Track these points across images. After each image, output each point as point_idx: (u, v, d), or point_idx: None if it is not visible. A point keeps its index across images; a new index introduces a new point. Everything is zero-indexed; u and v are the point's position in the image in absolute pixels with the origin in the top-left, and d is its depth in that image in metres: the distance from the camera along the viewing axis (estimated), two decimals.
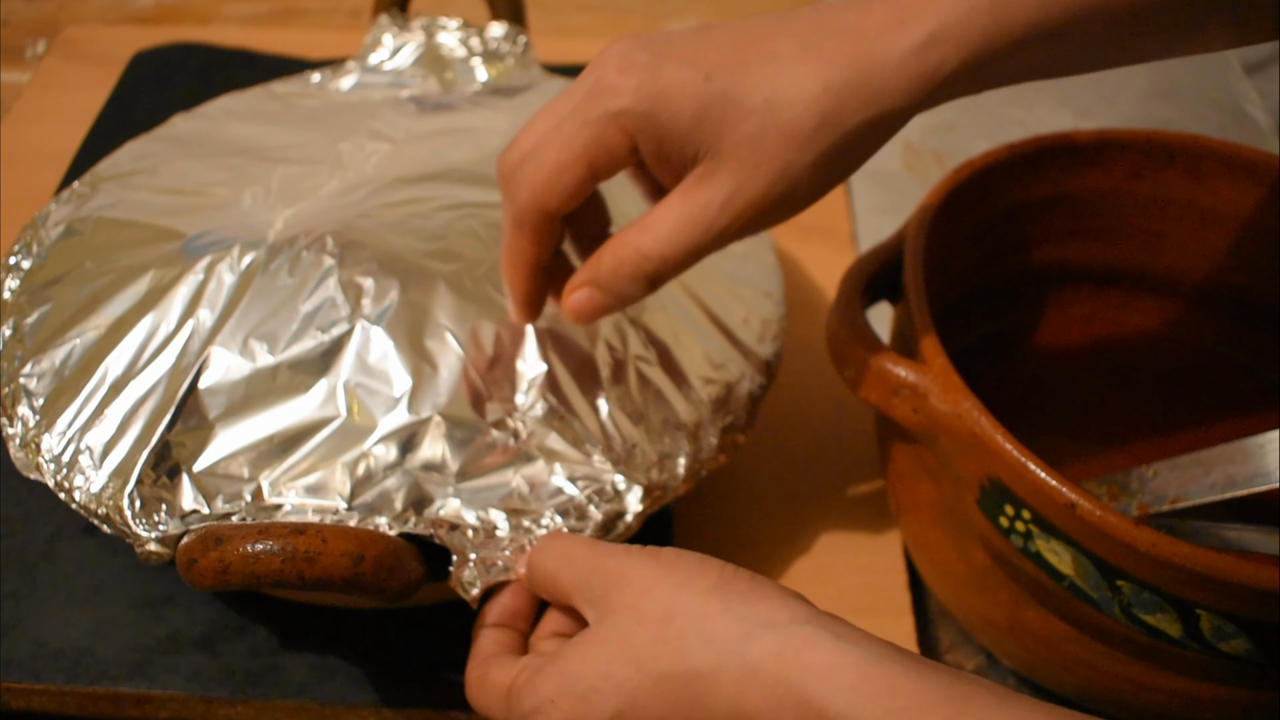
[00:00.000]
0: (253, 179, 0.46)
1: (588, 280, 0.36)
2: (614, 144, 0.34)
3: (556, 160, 0.34)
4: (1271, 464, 0.38)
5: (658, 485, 0.40)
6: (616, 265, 0.35)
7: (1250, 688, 0.36)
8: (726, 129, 0.33)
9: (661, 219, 0.34)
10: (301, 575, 0.33)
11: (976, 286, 0.50)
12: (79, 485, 0.37)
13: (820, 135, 0.32)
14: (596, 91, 0.34)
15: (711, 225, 0.34)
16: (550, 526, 0.38)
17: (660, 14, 0.80)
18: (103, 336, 0.40)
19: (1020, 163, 0.47)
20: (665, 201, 0.35)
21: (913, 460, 0.42)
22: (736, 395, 0.43)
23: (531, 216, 0.35)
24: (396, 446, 0.38)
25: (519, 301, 0.39)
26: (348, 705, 0.41)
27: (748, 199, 0.33)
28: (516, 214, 0.36)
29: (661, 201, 0.35)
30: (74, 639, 0.42)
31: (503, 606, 0.37)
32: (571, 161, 0.34)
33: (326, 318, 0.40)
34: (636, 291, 0.36)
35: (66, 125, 0.66)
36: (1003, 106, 0.70)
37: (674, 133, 0.33)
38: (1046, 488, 0.34)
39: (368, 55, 0.56)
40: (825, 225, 0.62)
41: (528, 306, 0.39)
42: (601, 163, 0.34)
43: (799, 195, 0.34)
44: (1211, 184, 0.47)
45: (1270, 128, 0.70)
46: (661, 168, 0.35)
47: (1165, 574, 0.33)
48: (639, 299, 0.36)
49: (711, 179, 0.33)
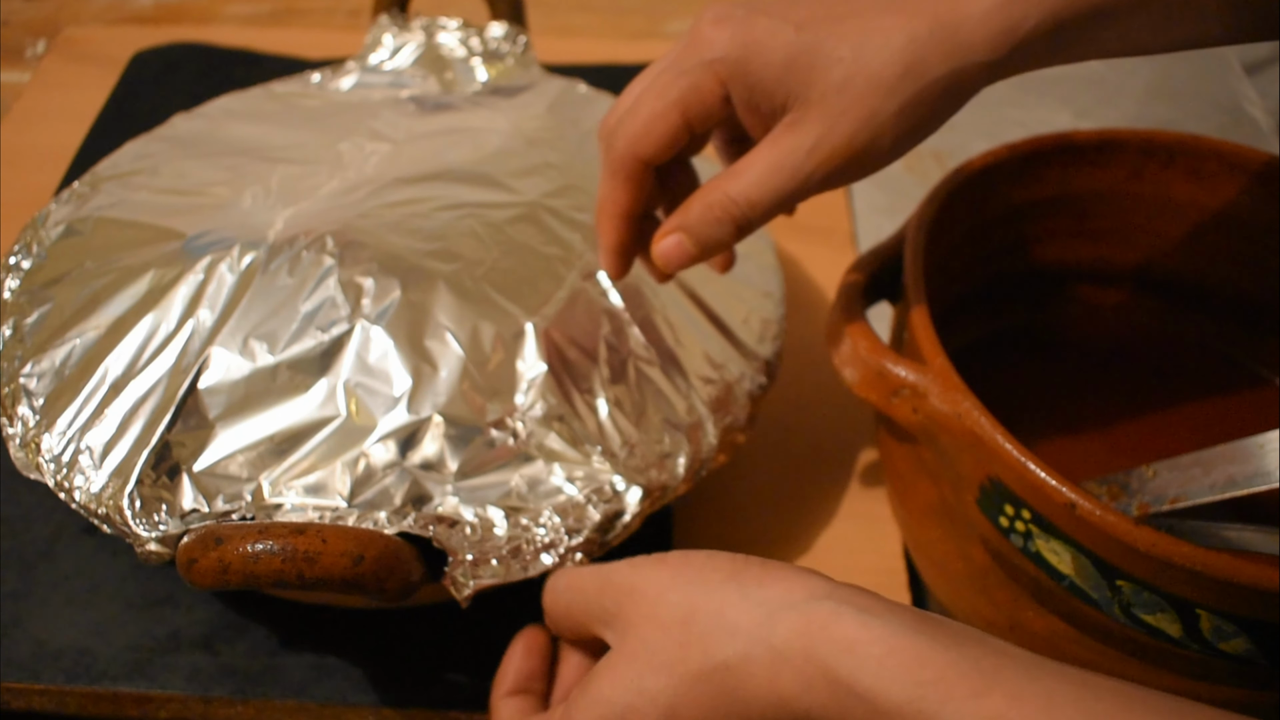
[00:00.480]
0: (253, 179, 0.46)
1: (676, 226, 0.37)
2: (708, 91, 0.35)
3: (652, 108, 0.36)
4: (1271, 464, 0.38)
5: (657, 485, 0.40)
6: (705, 210, 0.36)
7: (1250, 688, 0.36)
8: (815, 76, 0.34)
9: (750, 165, 0.35)
10: (301, 575, 0.33)
11: (976, 286, 0.50)
12: (79, 485, 0.37)
13: (904, 84, 0.33)
14: (692, 44, 0.35)
15: (798, 169, 0.35)
16: (548, 525, 0.38)
17: (660, 14, 0.80)
18: (103, 336, 0.40)
19: (1020, 163, 0.47)
20: (754, 149, 0.36)
21: (913, 460, 0.42)
22: (736, 395, 0.43)
23: (627, 163, 0.37)
24: (396, 446, 0.38)
25: (609, 250, 0.39)
26: (348, 705, 0.41)
27: (833, 145, 0.34)
28: (613, 162, 0.37)
29: (751, 150, 0.36)
30: (74, 639, 0.42)
31: (516, 671, 0.37)
32: (666, 109, 0.36)
33: (326, 317, 0.40)
34: (724, 236, 0.37)
35: (66, 125, 0.66)
36: (1003, 106, 0.70)
37: (765, 80, 0.34)
38: (1046, 487, 0.34)
39: (368, 55, 0.56)
40: (825, 225, 0.62)
41: (618, 256, 0.40)
42: (695, 110, 0.35)
43: (882, 145, 0.34)
44: (1211, 184, 0.47)
45: (1270, 128, 0.70)
46: (751, 116, 0.36)
47: (1165, 574, 0.33)
48: (726, 245, 0.37)
49: (799, 125, 0.34)
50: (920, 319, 0.40)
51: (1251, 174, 0.46)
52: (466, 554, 0.36)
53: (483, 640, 0.42)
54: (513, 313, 0.41)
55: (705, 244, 0.37)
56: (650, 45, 0.72)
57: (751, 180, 0.35)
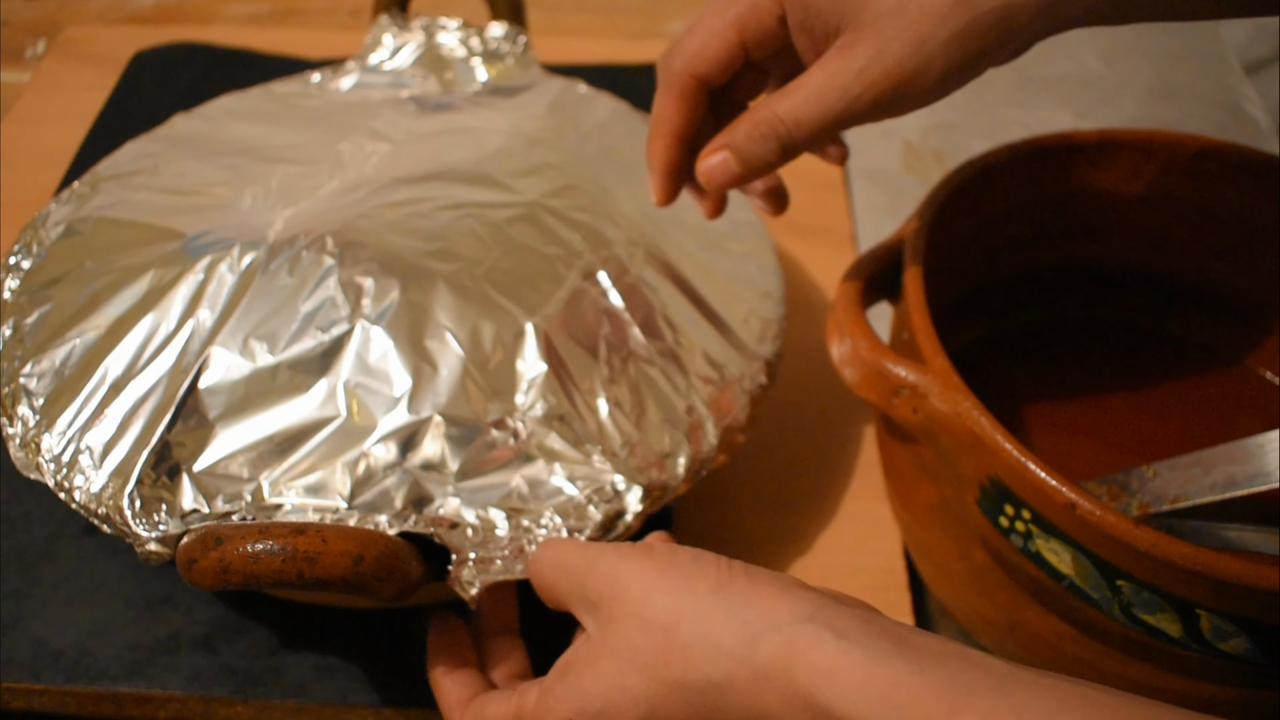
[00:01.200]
0: (253, 179, 0.46)
1: (723, 144, 0.38)
2: (765, 11, 0.37)
3: (709, 26, 0.37)
4: (1271, 464, 0.38)
5: (657, 485, 0.40)
6: (751, 128, 0.37)
7: (1250, 688, 0.36)
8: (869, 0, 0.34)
9: (800, 85, 0.36)
10: (301, 575, 0.33)
11: (976, 286, 0.50)
12: (79, 485, 0.37)
13: (956, 13, 0.34)
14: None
15: (846, 91, 0.35)
16: (550, 526, 0.38)
17: (660, 14, 0.80)
18: (103, 336, 0.40)
19: (1020, 162, 0.47)
20: (805, 72, 0.37)
21: (913, 460, 0.42)
22: (736, 395, 0.43)
23: (682, 79, 0.38)
24: (396, 446, 0.38)
25: (658, 171, 0.41)
26: (348, 705, 0.41)
27: (883, 68, 0.35)
28: (668, 80, 0.39)
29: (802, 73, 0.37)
30: (74, 639, 0.42)
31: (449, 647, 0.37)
32: (724, 27, 0.37)
33: (326, 317, 0.40)
34: (770, 154, 0.37)
35: (66, 125, 0.66)
36: (1003, 106, 0.70)
37: (820, 2, 0.35)
38: (1046, 487, 0.34)
39: (368, 55, 0.56)
40: (825, 225, 0.62)
41: (666, 177, 0.41)
42: (752, 30, 0.37)
43: (931, 74, 0.35)
44: (1211, 184, 0.47)
45: (1270, 128, 0.70)
46: (805, 39, 0.37)
47: (1165, 574, 0.33)
48: (770, 165, 0.38)
49: (850, 48, 0.35)
50: (920, 319, 0.40)
51: (1251, 174, 0.46)
52: (470, 555, 0.36)
53: None
54: (513, 312, 0.41)
55: (750, 162, 0.38)
56: (650, 45, 0.72)
57: (800, 100, 0.36)
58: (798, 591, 0.30)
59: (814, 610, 0.29)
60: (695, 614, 0.30)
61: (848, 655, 0.27)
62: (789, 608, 0.29)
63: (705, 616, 0.30)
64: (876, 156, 0.67)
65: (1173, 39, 0.77)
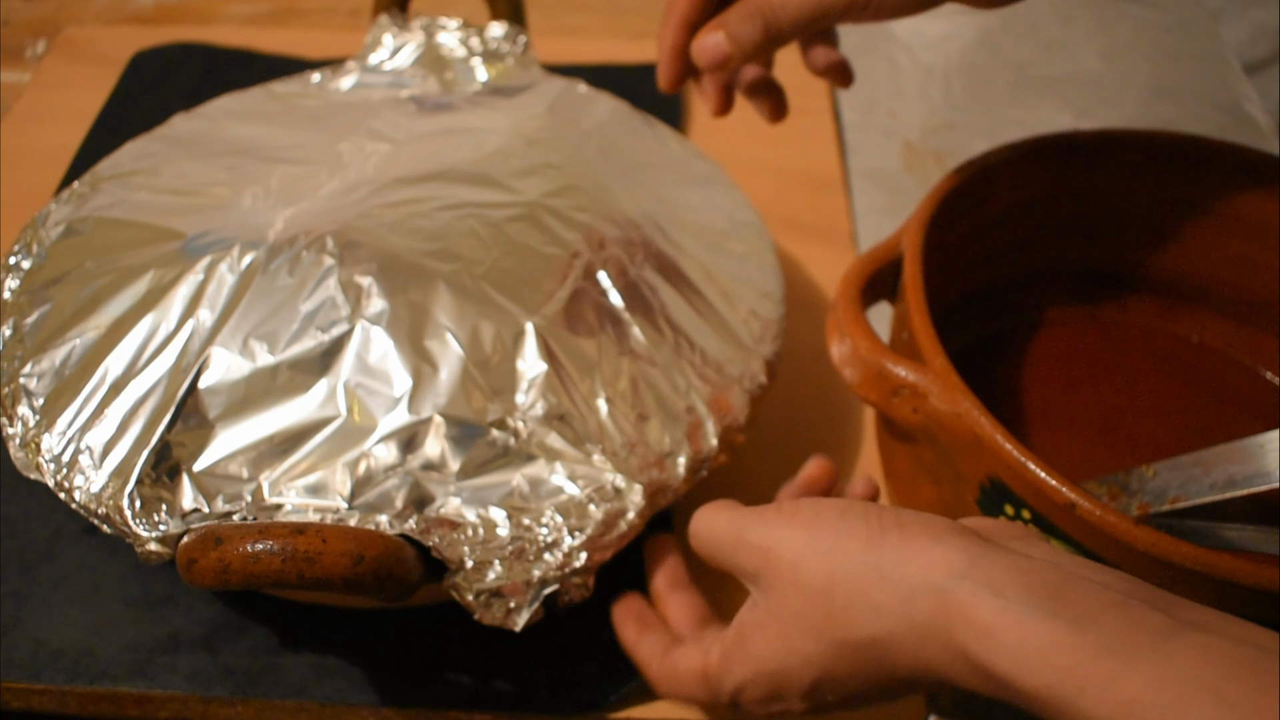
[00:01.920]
0: (253, 179, 0.46)
1: (716, 24, 0.42)
2: None
3: None
4: (1271, 464, 0.38)
5: (658, 485, 0.40)
6: (741, 9, 0.41)
7: None
8: None
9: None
10: (301, 575, 0.33)
11: (976, 286, 0.50)
12: (79, 485, 0.37)
13: None
14: None
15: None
16: (551, 525, 0.38)
17: (660, 14, 0.79)
18: (103, 336, 0.40)
19: (1020, 163, 0.47)
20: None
21: (913, 460, 0.42)
22: (736, 395, 0.43)
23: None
24: (397, 446, 0.38)
25: (666, 51, 0.45)
26: (348, 705, 0.41)
27: None
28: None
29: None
30: (74, 639, 0.42)
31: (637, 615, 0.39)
32: None
33: (326, 318, 0.40)
34: (755, 33, 0.41)
35: (66, 125, 0.66)
36: (1003, 106, 0.70)
37: None
38: (1046, 487, 0.34)
39: (368, 55, 0.56)
40: (825, 225, 0.62)
41: (672, 60, 0.45)
42: None
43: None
44: (1211, 184, 0.47)
45: (1270, 128, 0.70)
46: None
47: (1165, 574, 0.33)
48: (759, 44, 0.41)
49: None
50: (920, 319, 0.40)
51: (1251, 174, 0.46)
52: (467, 560, 0.36)
53: (483, 640, 0.42)
54: (513, 312, 0.41)
55: (739, 40, 0.41)
56: (650, 45, 0.72)
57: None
58: (952, 540, 0.29)
59: (969, 563, 0.28)
60: (850, 577, 0.30)
61: (1004, 614, 0.27)
62: (945, 561, 0.29)
63: (860, 578, 0.30)
64: (876, 156, 0.67)
65: (1173, 39, 0.77)
